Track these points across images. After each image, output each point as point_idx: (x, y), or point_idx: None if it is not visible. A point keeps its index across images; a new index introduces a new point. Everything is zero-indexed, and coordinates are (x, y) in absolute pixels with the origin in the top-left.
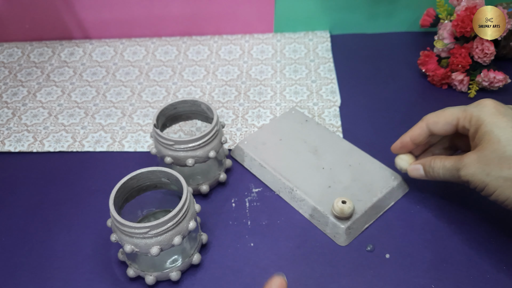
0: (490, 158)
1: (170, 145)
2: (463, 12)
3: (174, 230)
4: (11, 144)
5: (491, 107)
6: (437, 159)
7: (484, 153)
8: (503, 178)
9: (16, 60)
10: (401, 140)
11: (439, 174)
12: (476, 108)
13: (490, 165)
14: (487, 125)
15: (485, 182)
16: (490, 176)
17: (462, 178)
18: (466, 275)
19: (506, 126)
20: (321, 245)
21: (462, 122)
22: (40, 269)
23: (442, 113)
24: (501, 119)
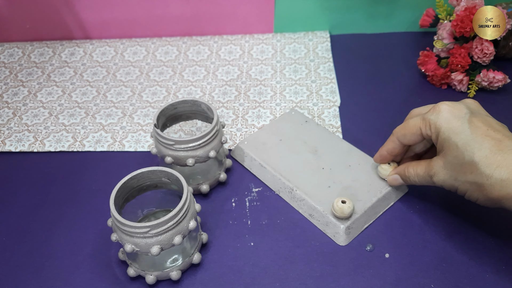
0: (453, 164)
1: (170, 145)
2: (462, 12)
3: (175, 229)
4: (11, 144)
5: (445, 112)
6: (410, 167)
7: (447, 159)
8: (469, 182)
9: (17, 60)
10: (379, 153)
11: (415, 181)
12: (433, 116)
13: (455, 171)
14: (444, 131)
15: (455, 186)
16: (457, 181)
17: (435, 184)
18: (465, 275)
19: (461, 131)
20: (320, 244)
21: (424, 130)
22: (40, 269)
23: (407, 125)
24: (456, 123)
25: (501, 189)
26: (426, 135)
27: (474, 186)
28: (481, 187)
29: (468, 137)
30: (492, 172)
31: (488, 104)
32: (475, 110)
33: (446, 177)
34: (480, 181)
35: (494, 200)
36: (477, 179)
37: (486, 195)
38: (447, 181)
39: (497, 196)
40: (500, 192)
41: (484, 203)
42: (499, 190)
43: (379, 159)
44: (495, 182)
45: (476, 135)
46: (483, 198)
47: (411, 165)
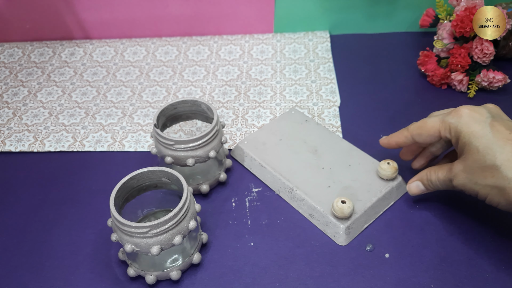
0: (473, 168)
1: (170, 145)
2: (462, 12)
3: (175, 229)
4: (11, 144)
5: (466, 116)
6: (432, 172)
7: (467, 163)
8: (490, 186)
9: (17, 60)
10: (388, 140)
11: (438, 186)
12: (453, 119)
13: (475, 175)
14: (465, 136)
15: (475, 190)
16: (478, 184)
17: (456, 187)
18: (465, 275)
19: (483, 135)
20: (320, 244)
21: (443, 133)
22: (40, 269)
23: (424, 125)
24: (478, 127)
25: None
26: (444, 137)
27: (496, 190)
28: (503, 191)
29: (490, 141)
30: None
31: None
32: (496, 114)
33: (466, 181)
34: (501, 184)
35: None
36: (498, 183)
37: (508, 199)
38: (467, 185)
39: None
40: None
41: (506, 207)
42: None
43: (385, 143)
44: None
45: (498, 139)
46: (505, 202)
47: (432, 170)
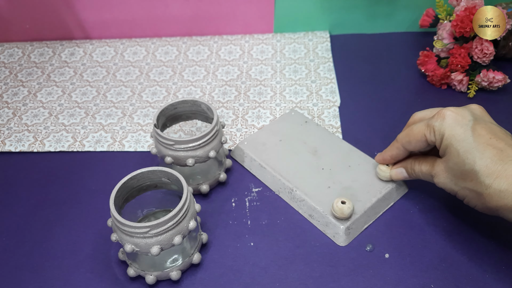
0: (454, 169)
1: (170, 145)
2: (462, 12)
3: (174, 229)
4: (11, 144)
5: (449, 118)
6: (416, 163)
7: (448, 165)
8: (468, 189)
9: (17, 60)
10: (382, 157)
11: (419, 176)
12: (437, 122)
13: (455, 176)
14: (447, 138)
15: (455, 190)
16: (457, 185)
17: (436, 185)
18: (465, 275)
19: (463, 139)
20: (320, 245)
21: (428, 137)
22: (40, 269)
23: (411, 132)
24: (459, 130)
25: (499, 199)
26: (430, 142)
27: (473, 193)
28: (480, 196)
29: (470, 145)
30: (492, 182)
31: (488, 104)
32: (480, 117)
33: (446, 180)
34: (479, 189)
35: (492, 209)
36: (476, 188)
37: (484, 204)
38: (447, 184)
39: (495, 206)
40: (498, 202)
41: (482, 210)
42: (497, 201)
43: (380, 159)
44: (494, 192)
45: (478, 144)
46: (481, 206)
47: (417, 160)
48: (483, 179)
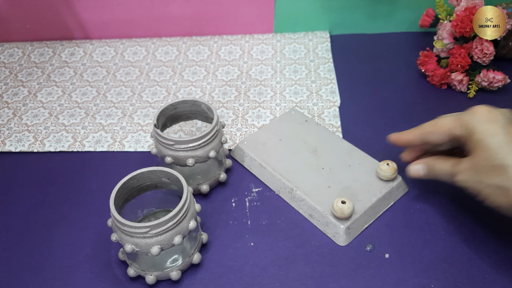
0: (481, 165)
1: (170, 145)
2: (462, 12)
3: (175, 229)
4: (11, 144)
5: (483, 114)
6: (438, 161)
7: (476, 161)
8: (493, 186)
9: (17, 60)
10: (397, 137)
11: (438, 174)
12: (469, 116)
13: (482, 173)
14: (479, 133)
15: (477, 189)
16: (481, 183)
17: (457, 183)
18: (465, 275)
19: (496, 134)
20: (320, 245)
21: (456, 130)
22: (40, 269)
23: (437, 123)
24: (492, 126)
25: None
26: (453, 136)
27: (500, 190)
28: (507, 192)
29: (503, 141)
30: None
31: (488, 104)
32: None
33: (470, 178)
34: (507, 185)
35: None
36: (504, 183)
37: (509, 201)
38: (470, 182)
39: None
40: None
41: (506, 209)
42: None
43: (394, 139)
44: None
45: (510, 141)
46: (506, 204)
47: (438, 159)
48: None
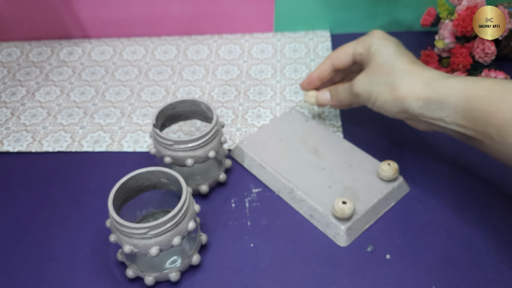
0: (374, 69)
1: (169, 145)
2: (464, 11)
3: (174, 230)
4: (9, 144)
5: (378, 34)
6: (340, 85)
7: (370, 68)
8: (383, 84)
9: (15, 60)
10: (309, 78)
11: (341, 94)
12: (367, 36)
13: (374, 75)
14: (374, 45)
15: (370, 90)
16: (373, 83)
17: (354, 92)
18: (466, 276)
19: (389, 46)
20: (321, 245)
21: (357, 48)
22: (38, 270)
23: (341, 47)
24: (386, 41)
25: (408, 87)
26: (357, 53)
27: (387, 86)
28: (393, 86)
29: (392, 50)
30: (404, 74)
31: None
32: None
33: (365, 82)
34: (393, 80)
35: (400, 98)
36: (391, 79)
37: (394, 94)
38: (365, 86)
39: (404, 93)
40: (406, 89)
41: (390, 105)
42: (406, 88)
43: (306, 83)
44: (404, 82)
45: (399, 50)
46: (391, 97)
47: (341, 83)
48: (397, 72)
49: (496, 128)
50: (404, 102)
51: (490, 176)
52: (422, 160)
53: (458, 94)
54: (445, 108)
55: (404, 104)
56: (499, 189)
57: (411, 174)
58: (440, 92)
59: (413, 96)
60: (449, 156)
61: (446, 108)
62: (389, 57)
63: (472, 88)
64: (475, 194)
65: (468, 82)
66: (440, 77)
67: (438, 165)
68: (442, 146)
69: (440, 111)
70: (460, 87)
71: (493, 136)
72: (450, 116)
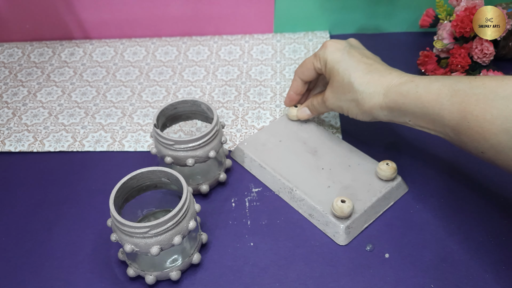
0: (337, 87)
1: (170, 145)
2: (462, 12)
3: (174, 229)
4: (11, 144)
5: (330, 47)
6: (314, 98)
7: (333, 85)
8: (348, 100)
9: (17, 60)
10: (288, 96)
11: (318, 108)
12: (321, 51)
13: (339, 93)
14: (330, 62)
15: (340, 106)
16: (341, 101)
17: (328, 108)
18: (465, 275)
19: (342, 60)
20: (320, 244)
21: (316, 64)
22: (40, 269)
23: (303, 63)
24: (337, 54)
25: (369, 100)
26: (317, 68)
27: (353, 102)
28: (357, 102)
29: (347, 64)
30: (363, 89)
31: None
32: (354, 45)
33: (334, 100)
34: (355, 97)
35: (367, 111)
36: (354, 96)
37: (361, 109)
38: (335, 103)
39: (368, 107)
40: (369, 103)
41: (362, 116)
42: (369, 102)
43: (288, 101)
44: (366, 96)
45: (352, 62)
46: (360, 111)
47: (314, 97)
48: (357, 87)
49: (451, 128)
50: (371, 113)
51: (488, 176)
52: (421, 160)
53: (413, 102)
54: (406, 114)
55: (372, 115)
56: (497, 188)
57: (409, 174)
58: (398, 101)
59: (377, 108)
60: (448, 156)
61: (407, 114)
62: (345, 73)
63: (423, 94)
64: (473, 194)
65: (419, 88)
66: (396, 84)
67: (436, 165)
68: (441, 146)
69: (403, 116)
70: (413, 95)
71: (450, 135)
72: (412, 120)
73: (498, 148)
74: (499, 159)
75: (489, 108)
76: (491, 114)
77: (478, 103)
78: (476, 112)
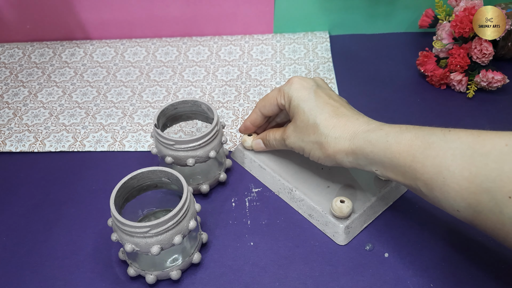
0: (300, 127)
1: (170, 145)
2: (461, 12)
3: (175, 229)
4: (12, 144)
5: (296, 83)
6: (270, 133)
7: (296, 124)
8: (311, 142)
9: (17, 61)
10: (244, 124)
11: (274, 144)
12: (286, 87)
13: (301, 133)
14: (294, 99)
15: (302, 147)
16: (304, 141)
17: (288, 146)
18: (464, 274)
19: (308, 99)
20: (320, 244)
21: (279, 100)
22: (41, 269)
23: (267, 97)
24: (304, 92)
25: (335, 145)
26: (281, 105)
27: (316, 145)
28: (321, 145)
29: (313, 104)
30: (329, 132)
31: (487, 104)
32: (321, 85)
33: (295, 139)
34: (320, 140)
35: (330, 156)
36: (318, 139)
37: (324, 152)
38: (296, 143)
39: (332, 151)
40: (334, 148)
41: (324, 160)
42: (333, 147)
43: (243, 129)
44: (330, 140)
45: (319, 103)
46: (323, 155)
47: (271, 131)
48: (322, 130)
49: (423, 182)
50: (335, 158)
51: None
52: None
53: (382, 152)
54: (373, 163)
55: (336, 160)
56: None
57: None
58: (365, 149)
59: (342, 153)
60: None
61: (374, 163)
62: (310, 113)
63: (393, 144)
64: None
65: (389, 137)
66: (363, 131)
67: None
68: None
69: (369, 165)
70: (382, 144)
71: (422, 189)
72: (379, 170)
73: (477, 208)
74: (477, 219)
75: (467, 165)
76: (469, 171)
77: (454, 159)
78: (452, 168)
